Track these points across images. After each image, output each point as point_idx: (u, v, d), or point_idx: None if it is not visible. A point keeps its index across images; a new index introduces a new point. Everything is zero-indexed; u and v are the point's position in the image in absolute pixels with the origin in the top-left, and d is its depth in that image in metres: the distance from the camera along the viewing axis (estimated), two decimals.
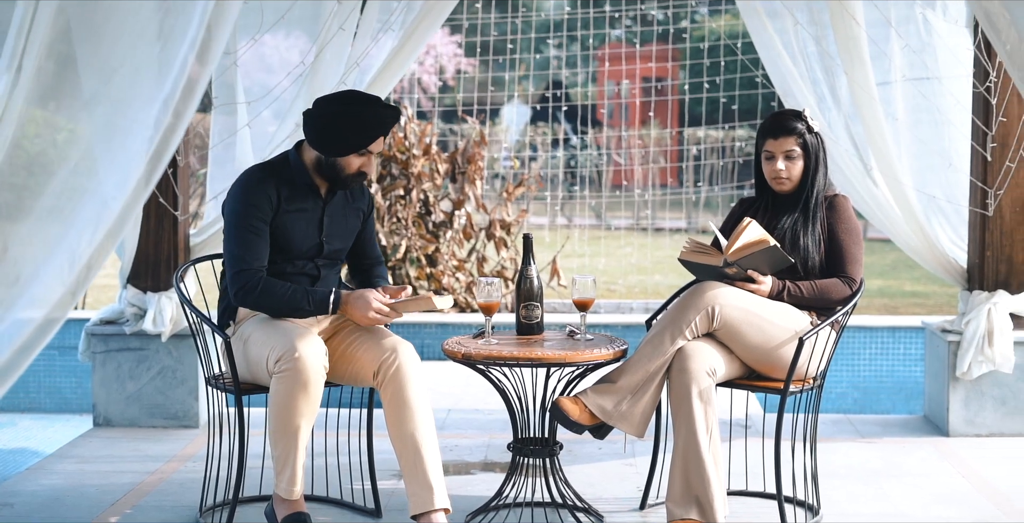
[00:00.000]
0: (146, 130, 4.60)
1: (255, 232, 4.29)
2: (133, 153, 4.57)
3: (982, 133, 5.64)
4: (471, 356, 4.29)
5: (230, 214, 4.35)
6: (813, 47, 5.64)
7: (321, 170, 4.36)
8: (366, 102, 4.27)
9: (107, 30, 4.57)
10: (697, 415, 4.26)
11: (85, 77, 4.57)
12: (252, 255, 4.28)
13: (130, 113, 4.61)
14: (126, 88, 4.60)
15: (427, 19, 5.62)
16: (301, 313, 4.28)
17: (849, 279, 4.52)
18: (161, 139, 4.56)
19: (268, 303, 4.26)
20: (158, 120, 4.59)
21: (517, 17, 8.79)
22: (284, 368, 4.11)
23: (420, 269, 7.96)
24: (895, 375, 7.43)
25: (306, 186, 4.39)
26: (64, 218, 4.46)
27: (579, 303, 4.49)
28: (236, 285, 4.28)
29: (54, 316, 4.42)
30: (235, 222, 4.31)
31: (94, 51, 4.54)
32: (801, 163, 4.56)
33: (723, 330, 4.35)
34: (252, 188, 4.32)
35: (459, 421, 6.13)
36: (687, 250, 4.47)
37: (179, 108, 4.56)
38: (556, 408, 4.31)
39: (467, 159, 8.33)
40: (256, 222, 4.29)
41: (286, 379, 4.11)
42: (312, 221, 4.40)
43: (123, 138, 4.60)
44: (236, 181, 4.41)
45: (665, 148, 13.39)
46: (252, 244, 4.28)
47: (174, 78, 4.60)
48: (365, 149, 4.32)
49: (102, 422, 5.88)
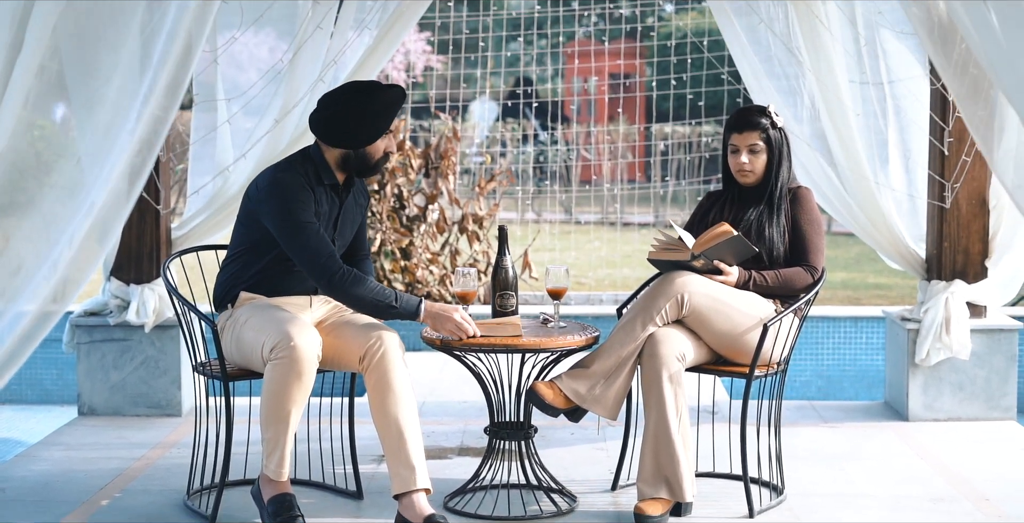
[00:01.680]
0: (131, 128, 4.76)
1: (316, 227, 4.38)
2: (120, 151, 4.72)
3: (939, 128, 5.84)
4: (449, 343, 4.45)
5: (285, 215, 4.37)
6: (779, 45, 5.83)
7: (348, 164, 4.50)
8: (375, 88, 4.43)
9: (92, 31, 4.72)
10: (667, 398, 4.44)
11: (72, 77, 4.72)
12: (325, 246, 4.37)
13: (117, 112, 4.76)
14: (112, 88, 4.75)
15: (402, 18, 5.79)
16: (389, 312, 4.40)
17: (811, 268, 4.71)
18: (146, 137, 4.73)
19: (361, 297, 4.36)
20: (141, 117, 4.75)
21: (488, 15, 8.95)
22: (280, 356, 4.25)
23: (395, 262, 8.12)
24: (857, 364, 7.65)
25: (331, 187, 4.52)
26: (58, 215, 4.62)
27: (553, 292, 4.66)
28: (325, 276, 4.35)
29: (51, 309, 4.59)
30: (295, 223, 4.35)
31: (80, 52, 4.70)
32: (764, 157, 4.75)
33: (692, 317, 4.53)
34: (296, 190, 4.38)
35: (435, 409, 6.29)
36: (656, 249, 4.65)
37: (163, 106, 4.73)
38: (532, 392, 4.48)
39: (440, 154, 8.49)
40: (312, 217, 4.39)
41: (281, 366, 4.25)
42: (329, 219, 4.53)
43: (111, 137, 4.75)
44: (272, 182, 4.43)
45: (632, 144, 13.57)
46: (320, 237, 4.37)
47: (155, 77, 4.75)
48: (388, 130, 4.49)
49: (87, 411, 6.02)
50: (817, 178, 5.88)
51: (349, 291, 4.36)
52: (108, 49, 4.77)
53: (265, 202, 4.41)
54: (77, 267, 4.66)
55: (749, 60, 5.84)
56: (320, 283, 4.39)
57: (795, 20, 5.73)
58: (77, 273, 4.59)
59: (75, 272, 4.58)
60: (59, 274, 4.56)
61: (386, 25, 5.79)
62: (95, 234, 4.64)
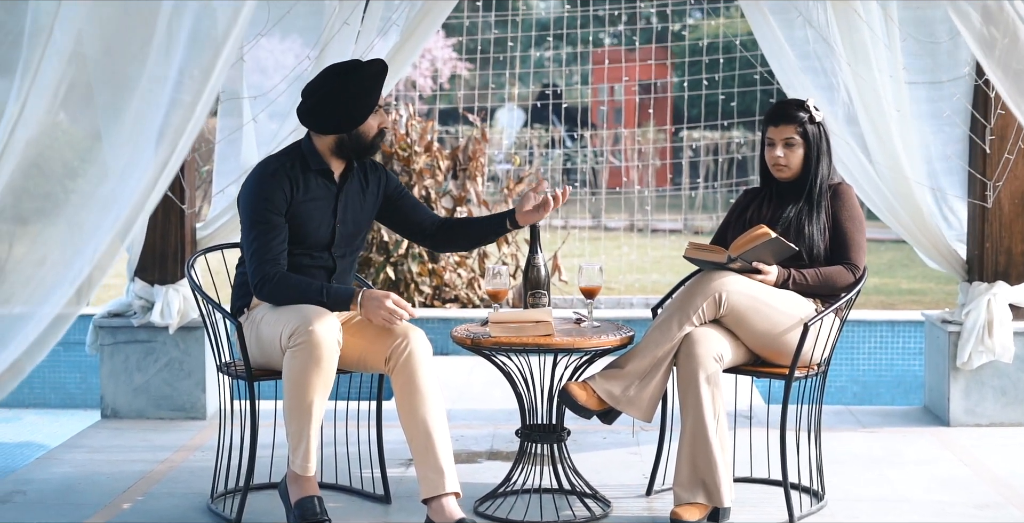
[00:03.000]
0: (156, 135, 4.65)
1: (271, 225, 4.33)
2: (144, 159, 4.61)
3: (981, 126, 5.70)
4: (479, 342, 4.33)
5: (245, 208, 4.39)
6: (817, 41, 5.69)
7: (343, 149, 4.42)
8: (355, 66, 4.37)
9: (119, 36, 4.62)
10: (705, 400, 4.31)
11: (98, 84, 4.63)
12: (270, 248, 4.32)
13: (143, 118, 4.66)
14: (139, 94, 4.65)
15: (428, 17, 5.68)
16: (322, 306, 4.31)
17: (853, 266, 4.57)
18: (170, 143, 4.62)
19: (285, 295, 4.30)
20: (170, 121, 4.64)
21: (517, 16, 8.85)
22: (298, 342, 4.15)
23: (422, 265, 8.01)
24: (894, 369, 7.50)
25: (320, 172, 4.44)
26: (79, 221, 4.53)
27: (586, 290, 4.55)
28: (255, 278, 4.32)
29: (65, 313, 4.49)
30: (251, 216, 4.35)
31: (107, 57, 4.60)
32: (801, 152, 4.62)
33: (729, 316, 4.40)
34: (266, 180, 4.37)
35: (464, 413, 6.18)
36: (691, 248, 4.53)
37: (191, 112, 4.62)
38: (565, 393, 4.36)
39: (468, 156, 8.38)
40: (271, 215, 4.33)
41: (300, 352, 4.15)
42: (327, 208, 4.45)
43: (135, 144, 4.65)
44: (250, 173, 4.47)
45: (662, 148, 13.43)
46: (269, 237, 4.32)
47: (183, 82, 4.64)
48: (376, 106, 4.42)
49: (110, 414, 5.92)
50: (857, 174, 5.74)
51: (273, 293, 4.31)
52: (134, 51, 4.67)
53: (240, 194, 4.41)
54: (99, 267, 4.57)
55: (786, 56, 5.69)
56: (251, 283, 4.35)
57: (832, 16, 5.58)
58: (98, 273, 4.49)
59: (96, 273, 4.48)
60: (82, 277, 4.48)
61: (412, 23, 5.68)
62: (119, 235, 4.55)
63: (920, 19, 5.65)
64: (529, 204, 4.56)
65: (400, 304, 4.27)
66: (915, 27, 5.65)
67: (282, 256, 4.35)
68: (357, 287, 4.46)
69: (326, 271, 4.49)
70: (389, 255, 7.97)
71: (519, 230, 4.78)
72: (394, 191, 4.64)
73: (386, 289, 7.97)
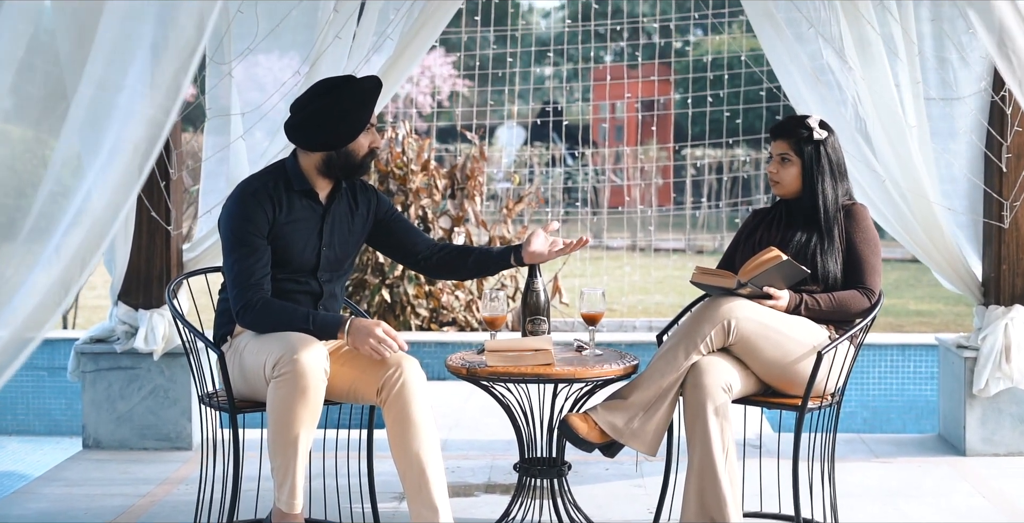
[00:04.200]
0: (128, 146, 4.38)
1: (253, 248, 4.13)
2: (111, 166, 4.34)
3: (997, 143, 5.48)
4: (476, 372, 4.12)
5: (225, 230, 4.19)
6: (829, 55, 5.46)
7: (331, 168, 4.22)
8: (343, 83, 4.16)
9: (94, 44, 4.36)
10: (713, 433, 4.09)
11: (71, 93, 4.37)
12: (252, 272, 4.11)
13: (113, 129, 4.39)
14: (112, 104, 4.39)
15: (423, 31, 5.47)
16: (309, 334, 4.10)
17: (868, 290, 4.36)
18: (141, 145, 4.33)
19: (269, 322, 4.09)
20: (134, 124, 4.37)
21: (517, 31, 8.65)
22: (283, 372, 3.94)
23: (419, 287, 7.79)
24: (905, 394, 7.27)
25: (304, 193, 4.23)
26: (45, 236, 4.24)
27: (588, 317, 4.33)
28: (237, 305, 4.12)
29: (26, 337, 4.22)
30: (231, 238, 4.15)
31: (79, 67, 4.33)
32: (795, 169, 4.43)
33: (739, 344, 4.18)
34: (246, 201, 4.17)
35: (460, 442, 5.94)
36: (699, 273, 4.32)
37: (162, 107, 4.34)
38: (565, 425, 4.14)
39: (466, 175, 8.17)
40: (253, 237, 4.13)
41: (285, 383, 3.94)
42: (312, 230, 4.24)
43: (105, 157, 4.38)
44: (231, 194, 4.26)
45: (664, 166, 13.25)
46: (251, 261, 4.12)
47: (144, 92, 4.36)
48: (368, 123, 4.22)
49: (92, 444, 5.70)
50: (870, 192, 5.51)
51: (256, 321, 4.10)
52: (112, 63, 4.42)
53: (221, 215, 4.22)
54: (55, 291, 4.24)
55: (796, 71, 5.46)
56: (233, 310, 4.14)
57: (846, 30, 5.36)
58: (53, 297, 4.18)
59: (52, 296, 4.17)
60: (36, 299, 4.19)
61: (407, 38, 5.47)
62: (79, 254, 4.25)
63: (935, 33, 5.44)
64: (536, 244, 4.34)
65: (390, 334, 4.04)
66: (931, 41, 5.44)
67: (265, 281, 4.14)
68: (346, 314, 4.23)
69: (312, 296, 4.27)
70: (385, 277, 7.75)
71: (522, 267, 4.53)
72: (385, 214, 4.43)
73: (382, 312, 7.75)
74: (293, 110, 4.23)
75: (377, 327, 4.04)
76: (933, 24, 5.43)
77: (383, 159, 7.97)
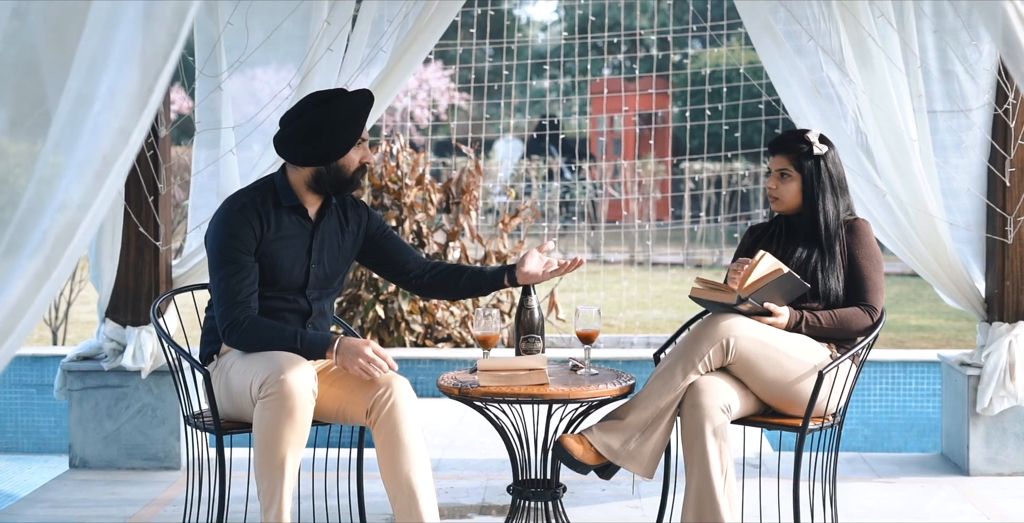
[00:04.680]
0: (97, 158, 4.23)
1: (240, 265, 4.03)
2: (79, 187, 4.19)
3: (1000, 157, 5.39)
4: (468, 392, 4.01)
5: (212, 247, 4.09)
6: (829, 68, 5.36)
7: (320, 184, 4.12)
8: (335, 96, 4.06)
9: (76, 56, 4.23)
10: (711, 454, 3.99)
11: (52, 105, 4.24)
12: (239, 290, 4.02)
13: (83, 141, 4.23)
14: (84, 116, 4.25)
15: (416, 44, 5.38)
16: (296, 353, 4.00)
17: (870, 308, 4.26)
18: (109, 154, 4.18)
19: (256, 341, 3.99)
20: (95, 151, 4.22)
21: (513, 43, 8.56)
22: (269, 392, 3.84)
23: (413, 303, 7.68)
24: (907, 411, 7.15)
25: (293, 209, 4.13)
26: (18, 254, 4.09)
27: (583, 335, 4.22)
28: (224, 323, 4.02)
29: None
30: (218, 255, 4.06)
31: (60, 79, 4.20)
32: (795, 185, 4.33)
33: (738, 364, 4.08)
34: (234, 217, 4.07)
35: (454, 462, 5.83)
36: (698, 288, 4.22)
37: (130, 127, 4.20)
38: (560, 447, 4.04)
39: (461, 189, 8.07)
40: (240, 254, 4.03)
41: (271, 404, 3.84)
42: (300, 246, 4.14)
43: (74, 170, 4.24)
44: (217, 209, 4.16)
45: (662, 180, 13.16)
46: (239, 278, 4.02)
47: (114, 104, 4.22)
48: (360, 138, 4.12)
49: (78, 464, 5.58)
50: (870, 207, 5.40)
51: (243, 340, 4.00)
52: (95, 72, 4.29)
53: (207, 231, 4.12)
54: (19, 309, 4.02)
55: (795, 84, 5.36)
56: (220, 328, 4.04)
57: (846, 42, 5.27)
58: (14, 315, 3.97)
59: (14, 315, 3.95)
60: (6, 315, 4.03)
61: (400, 50, 5.38)
62: (42, 274, 4.08)
63: (938, 45, 5.34)
64: (531, 264, 4.23)
65: (379, 353, 3.94)
66: (934, 53, 5.34)
67: (252, 298, 4.04)
68: (337, 333, 4.12)
69: (301, 315, 4.17)
70: (379, 293, 7.64)
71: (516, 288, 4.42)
72: (376, 230, 4.33)
73: (376, 328, 7.64)
74: (282, 123, 4.14)
75: (366, 347, 3.95)
76: (935, 35, 5.33)
77: (377, 173, 7.87)
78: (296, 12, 5.40)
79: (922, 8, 5.30)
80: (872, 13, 5.18)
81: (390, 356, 3.98)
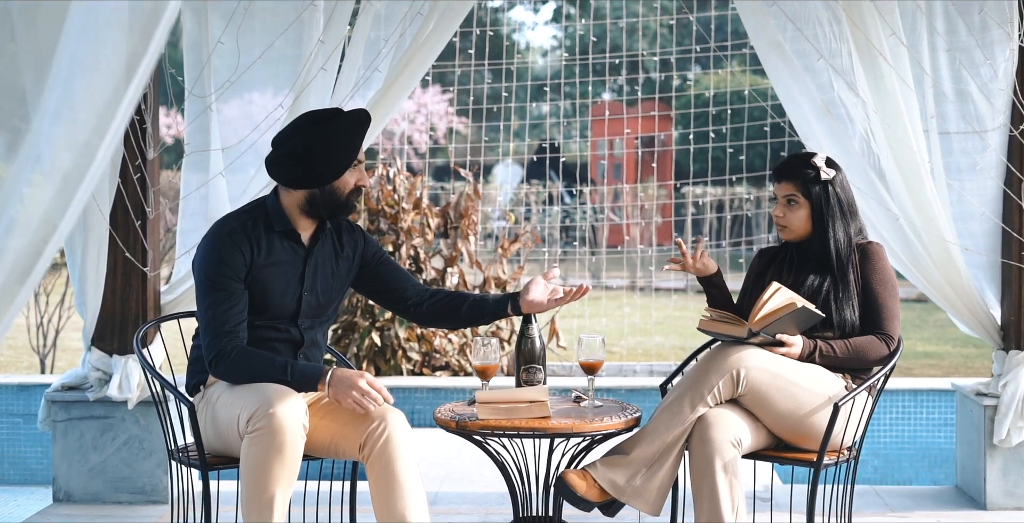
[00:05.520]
0: (57, 175, 4.04)
1: (229, 292, 3.85)
2: (38, 204, 4.00)
3: (1016, 180, 5.21)
4: (466, 426, 3.83)
5: (199, 273, 3.92)
6: (841, 88, 5.19)
7: (314, 207, 3.94)
8: (330, 116, 3.89)
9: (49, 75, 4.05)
10: (721, 491, 3.81)
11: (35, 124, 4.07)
12: (227, 319, 3.83)
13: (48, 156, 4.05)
14: (49, 129, 4.07)
15: (413, 63, 5.21)
16: (286, 385, 3.81)
17: (886, 336, 4.08)
18: (69, 173, 3.99)
19: (244, 372, 3.81)
20: (57, 167, 4.03)
21: (512, 63, 8.41)
22: (258, 427, 3.66)
23: (410, 330, 7.49)
24: (917, 442, 6.96)
25: (285, 233, 3.95)
26: None
27: (586, 366, 4.04)
28: (210, 353, 3.84)
29: None
30: (206, 282, 3.88)
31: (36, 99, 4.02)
32: (804, 212, 4.16)
33: (749, 396, 3.90)
34: (223, 242, 3.89)
35: (452, 495, 5.64)
36: (707, 319, 4.04)
37: (95, 142, 4.02)
38: (562, 483, 3.86)
39: (460, 213, 7.89)
40: (229, 281, 3.85)
41: (260, 439, 3.66)
42: (293, 273, 3.96)
43: (35, 186, 4.05)
44: (206, 234, 3.99)
45: (663, 204, 13.00)
46: (227, 306, 3.84)
47: (78, 119, 4.04)
48: (356, 160, 3.94)
49: (63, 497, 5.39)
50: (884, 231, 5.22)
51: (230, 371, 3.82)
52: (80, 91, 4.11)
53: (195, 257, 3.94)
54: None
55: (805, 104, 5.19)
56: (206, 359, 3.87)
57: (857, 60, 5.09)
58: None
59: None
60: None
61: (395, 71, 5.21)
62: (3, 292, 3.88)
63: (952, 64, 5.18)
64: (535, 292, 4.05)
65: (374, 385, 3.76)
66: (947, 72, 5.18)
67: (241, 328, 3.85)
68: (329, 363, 3.94)
69: (292, 345, 3.99)
70: (375, 320, 7.46)
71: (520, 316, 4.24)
72: (373, 256, 4.15)
73: (372, 356, 7.45)
74: (275, 144, 3.97)
75: (360, 378, 3.76)
76: (949, 54, 5.16)
77: (373, 197, 7.70)
78: (289, 31, 5.24)
79: (935, 26, 5.14)
80: (883, 31, 5.01)
81: (385, 388, 3.80)
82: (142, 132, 5.28)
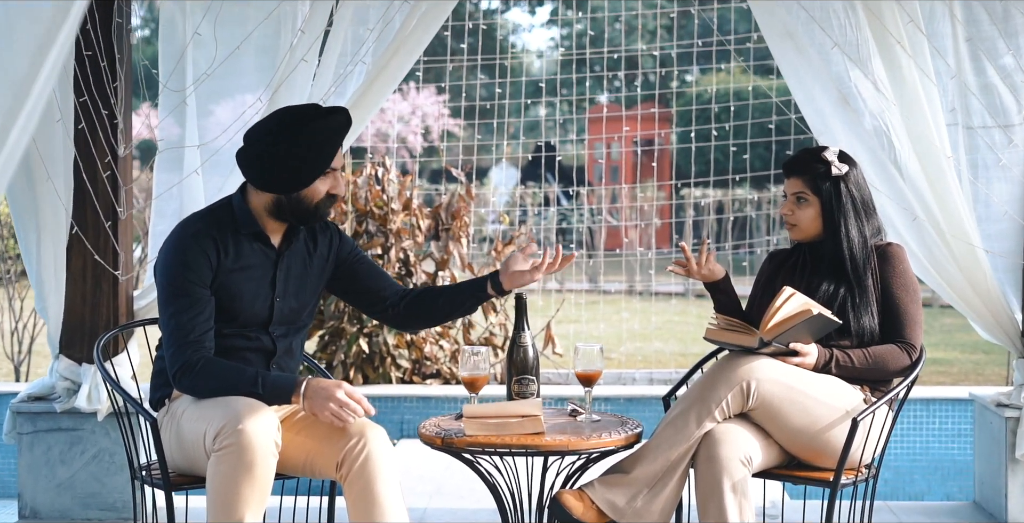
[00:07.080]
0: None
1: (194, 299, 3.56)
2: None
3: None
4: (453, 442, 3.55)
5: (162, 279, 3.64)
6: (857, 78, 4.89)
7: (281, 211, 3.66)
8: (309, 117, 3.57)
9: None
10: (730, 512, 3.56)
11: None
12: (192, 328, 3.55)
13: None
14: None
15: (398, 56, 4.93)
16: (256, 398, 3.52)
17: (908, 345, 3.81)
18: None
19: (211, 385, 3.51)
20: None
21: (506, 59, 8.15)
22: (225, 444, 3.38)
23: (399, 337, 7.20)
24: (930, 453, 6.67)
25: (254, 236, 3.66)
26: None
27: (583, 377, 3.76)
28: (174, 366, 3.55)
29: None
30: (168, 288, 3.60)
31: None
32: (813, 210, 3.89)
33: (760, 410, 3.63)
34: (186, 245, 3.60)
35: (441, 512, 5.35)
36: (715, 328, 3.75)
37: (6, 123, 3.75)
38: (557, 504, 3.62)
39: (451, 215, 7.60)
40: (193, 287, 3.56)
41: (228, 458, 3.38)
42: (263, 278, 3.68)
43: None
44: (168, 236, 3.70)
45: (662, 206, 12.76)
46: (191, 314, 3.55)
47: None
48: (328, 168, 3.63)
49: (28, 514, 5.11)
50: (902, 230, 4.92)
51: (196, 384, 3.55)
52: None
53: (157, 261, 3.66)
54: None
55: (820, 96, 4.89)
56: (169, 371, 3.59)
57: (875, 51, 4.80)
58: None
59: None
60: None
61: (380, 63, 4.92)
62: None
63: (973, 55, 4.88)
64: (517, 265, 3.76)
65: (353, 396, 3.47)
66: (970, 64, 4.88)
67: (208, 337, 3.56)
68: (304, 374, 3.64)
69: (264, 354, 3.70)
70: (363, 326, 7.17)
71: (504, 296, 3.94)
72: (348, 254, 3.86)
73: (360, 363, 7.16)
74: (247, 140, 3.67)
75: (338, 389, 3.47)
76: (969, 44, 4.86)
77: (361, 197, 7.41)
78: (268, 22, 4.96)
79: (955, 14, 4.85)
80: (901, 19, 4.72)
81: (365, 399, 3.51)
82: (113, 128, 5.00)
